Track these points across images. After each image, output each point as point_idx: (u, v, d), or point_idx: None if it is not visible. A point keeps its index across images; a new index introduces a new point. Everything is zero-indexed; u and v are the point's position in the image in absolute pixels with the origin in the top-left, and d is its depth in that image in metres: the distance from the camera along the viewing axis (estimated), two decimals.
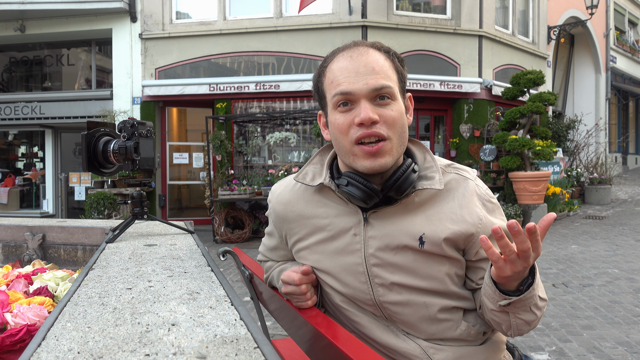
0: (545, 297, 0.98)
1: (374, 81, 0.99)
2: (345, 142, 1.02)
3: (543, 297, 0.98)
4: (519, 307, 0.93)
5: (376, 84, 0.99)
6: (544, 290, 1.00)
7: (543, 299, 0.97)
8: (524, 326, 0.96)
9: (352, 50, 1.02)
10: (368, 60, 1.00)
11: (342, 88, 1.00)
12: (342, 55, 1.03)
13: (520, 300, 0.91)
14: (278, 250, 1.26)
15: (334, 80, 1.02)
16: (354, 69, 1.00)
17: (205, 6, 9.61)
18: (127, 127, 1.60)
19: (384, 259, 1.04)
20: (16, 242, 2.02)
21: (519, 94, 8.89)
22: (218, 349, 0.65)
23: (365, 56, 1.01)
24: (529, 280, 0.92)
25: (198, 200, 10.20)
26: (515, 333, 0.98)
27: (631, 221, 8.53)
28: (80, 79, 10.79)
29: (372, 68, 1.00)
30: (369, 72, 0.99)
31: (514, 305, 0.92)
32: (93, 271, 1.13)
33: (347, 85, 0.99)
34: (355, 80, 0.99)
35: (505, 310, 0.94)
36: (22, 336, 1.04)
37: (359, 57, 1.01)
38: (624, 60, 16.80)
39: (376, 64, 1.00)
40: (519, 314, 0.94)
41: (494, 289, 0.93)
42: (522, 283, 0.92)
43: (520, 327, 0.96)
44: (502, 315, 0.96)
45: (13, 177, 11.09)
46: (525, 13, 11.51)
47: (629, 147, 18.77)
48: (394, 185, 1.00)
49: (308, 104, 9.11)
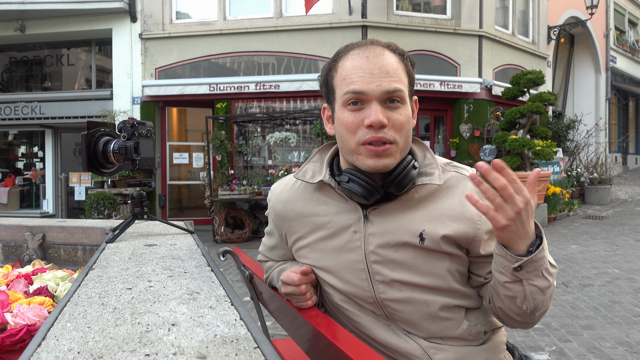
0: (555, 265, 0.98)
1: (387, 84, 0.99)
2: (351, 141, 1.02)
3: (553, 264, 0.97)
4: (531, 270, 0.91)
5: (389, 87, 0.99)
6: (552, 259, 0.99)
7: (553, 265, 0.97)
8: (539, 295, 0.94)
9: (369, 50, 1.02)
10: (383, 63, 1.00)
11: (355, 87, 1.00)
12: (357, 54, 1.03)
13: (532, 261, 0.90)
14: (278, 250, 1.26)
15: (347, 78, 1.01)
16: (368, 70, 1.00)
17: (205, 6, 9.61)
18: (127, 127, 1.60)
19: (385, 256, 1.04)
20: (16, 242, 2.02)
21: (519, 94, 8.89)
22: (218, 349, 0.65)
23: (381, 58, 1.01)
24: (537, 242, 0.92)
25: (198, 200, 10.20)
26: (530, 305, 0.95)
27: (631, 221, 8.53)
28: (80, 79, 10.79)
29: (387, 71, 1.00)
30: (383, 75, 0.99)
31: (526, 270, 0.91)
32: (93, 271, 1.13)
33: (361, 85, 0.99)
34: (369, 81, 0.99)
35: (518, 277, 0.92)
36: (22, 336, 1.04)
37: (375, 58, 1.01)
38: (624, 60, 16.81)
39: (390, 66, 1.00)
40: (531, 280, 0.92)
41: (504, 253, 0.91)
42: (531, 245, 0.91)
43: (535, 296, 0.94)
44: (516, 286, 0.93)
45: (13, 177, 11.09)
46: (525, 13, 11.51)
47: (629, 147, 18.77)
48: (394, 181, 1.01)
49: (308, 104, 9.11)
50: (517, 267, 0.91)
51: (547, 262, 0.93)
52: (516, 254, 0.91)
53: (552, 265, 0.97)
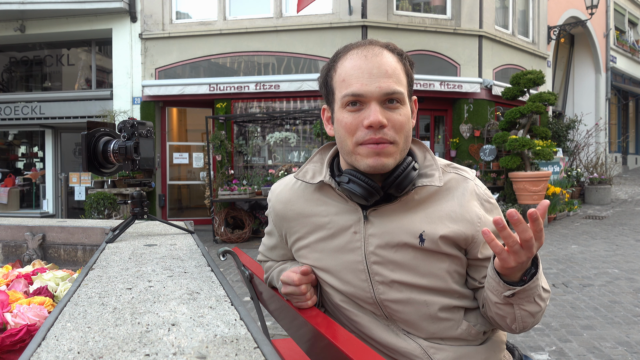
0: (548, 289, 0.99)
1: (386, 85, 0.98)
2: (349, 142, 1.02)
3: (546, 289, 0.98)
4: (523, 297, 0.92)
5: (388, 88, 0.98)
6: (547, 282, 1.00)
7: (546, 290, 0.98)
8: (529, 318, 0.96)
9: (367, 50, 1.02)
10: (382, 62, 1.00)
11: (353, 89, 0.99)
12: (355, 53, 1.02)
13: (525, 290, 0.91)
14: (278, 250, 1.26)
15: (346, 79, 1.01)
16: (367, 70, 0.99)
17: (205, 6, 9.61)
18: (127, 127, 1.60)
19: (385, 257, 1.04)
20: (16, 242, 2.02)
21: (519, 94, 8.89)
22: (218, 349, 0.65)
23: (380, 57, 1.00)
24: (532, 270, 0.92)
25: (198, 200, 10.20)
26: (520, 326, 0.97)
27: (631, 221, 8.53)
28: (80, 79, 10.79)
29: (385, 71, 0.99)
30: (382, 75, 0.99)
31: (518, 296, 0.92)
32: (93, 271, 1.13)
33: (359, 87, 0.99)
34: (368, 81, 0.99)
35: (510, 302, 0.94)
36: (22, 336, 1.04)
37: (373, 57, 1.00)
38: (624, 60, 16.80)
39: (389, 66, 1.00)
40: (523, 305, 0.94)
41: (498, 280, 0.92)
42: (525, 273, 0.92)
43: (525, 319, 0.96)
44: (507, 307, 0.95)
45: (13, 177, 11.09)
46: (525, 13, 11.51)
47: (629, 147, 18.77)
48: (394, 182, 1.01)
49: (308, 104, 9.11)
50: (509, 295, 0.92)
51: (540, 288, 0.94)
52: (509, 281, 0.93)
53: (545, 290, 0.97)
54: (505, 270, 0.91)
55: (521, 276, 0.93)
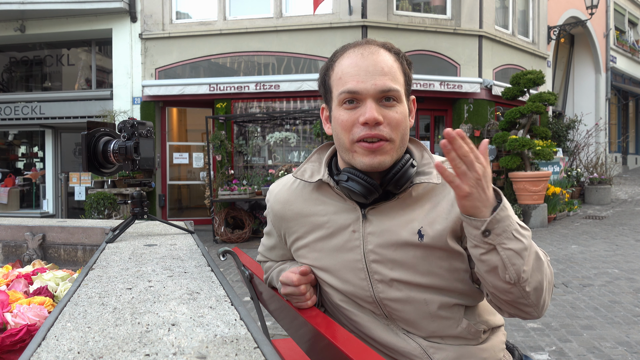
0: (526, 227, 0.95)
1: (382, 83, 0.99)
2: (346, 140, 1.03)
3: (524, 226, 0.94)
4: (500, 233, 0.88)
5: (384, 86, 0.99)
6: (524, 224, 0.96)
7: (525, 227, 0.94)
8: (516, 258, 0.89)
9: (364, 48, 1.03)
10: (378, 60, 1.01)
11: (349, 87, 1.00)
12: (352, 52, 1.03)
13: (497, 220, 0.87)
14: (277, 250, 1.26)
15: (342, 77, 1.02)
16: (363, 67, 1.00)
17: (205, 6, 9.61)
18: (127, 127, 1.60)
19: (384, 255, 1.04)
20: (16, 242, 2.02)
21: (519, 94, 8.89)
22: (218, 349, 0.65)
23: (376, 55, 1.01)
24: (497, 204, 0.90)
25: (198, 200, 10.20)
26: (512, 273, 0.90)
27: (631, 221, 8.53)
28: (80, 79, 10.79)
29: (382, 68, 1.00)
30: (378, 73, 1.00)
31: (495, 233, 0.88)
32: (93, 271, 1.13)
33: (355, 84, 1.00)
34: (364, 79, 0.99)
35: (491, 244, 0.89)
36: (22, 336, 1.04)
37: (369, 55, 1.01)
38: (624, 60, 16.80)
39: (385, 64, 1.01)
40: (504, 244, 0.89)
41: (469, 219, 0.89)
42: (494, 210, 0.89)
43: (513, 261, 0.89)
44: (492, 255, 0.90)
45: (13, 177, 11.09)
46: (525, 13, 11.51)
47: (629, 147, 18.77)
48: (393, 179, 1.01)
49: (308, 104, 9.11)
50: (485, 232, 0.88)
51: (514, 222, 0.90)
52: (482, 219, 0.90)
53: (523, 227, 0.94)
54: (467, 202, 0.87)
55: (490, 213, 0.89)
